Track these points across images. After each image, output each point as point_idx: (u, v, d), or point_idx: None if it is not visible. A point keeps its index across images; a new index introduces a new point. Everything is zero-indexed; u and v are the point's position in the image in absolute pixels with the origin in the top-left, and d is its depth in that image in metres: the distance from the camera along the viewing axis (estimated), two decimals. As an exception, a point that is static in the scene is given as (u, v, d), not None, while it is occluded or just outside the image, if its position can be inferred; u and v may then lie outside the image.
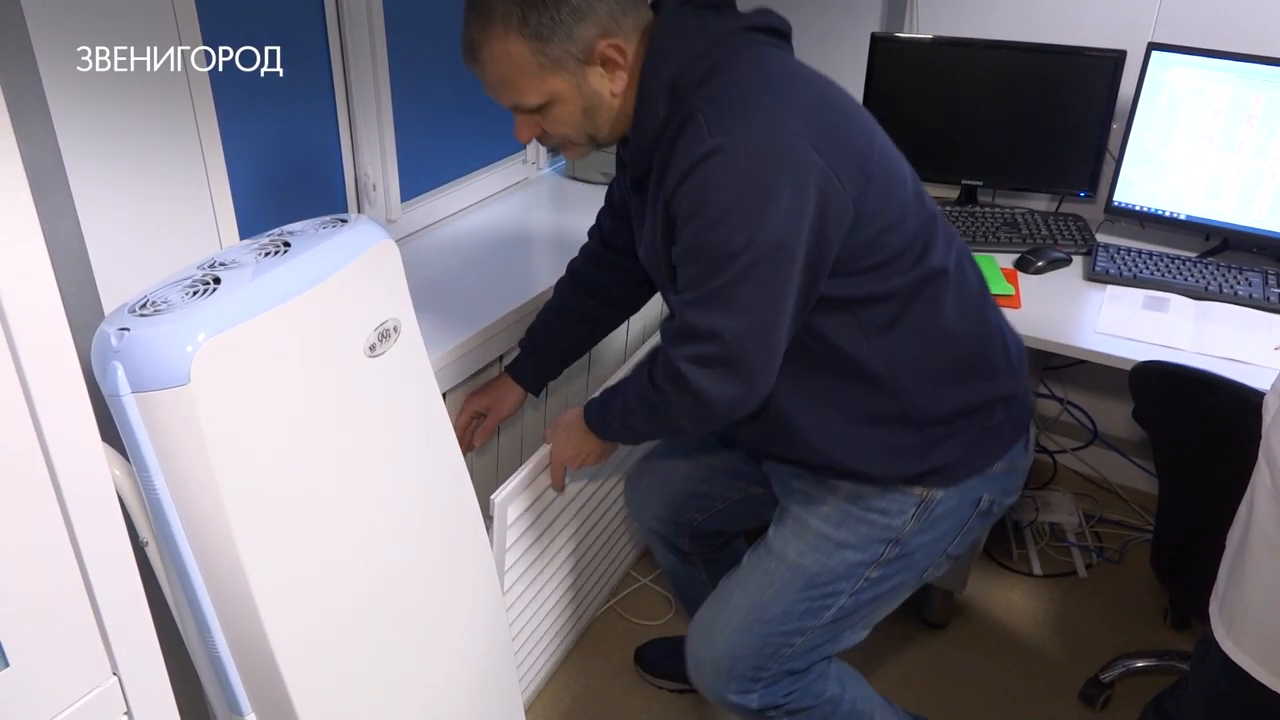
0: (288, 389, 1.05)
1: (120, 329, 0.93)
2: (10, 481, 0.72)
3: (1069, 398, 2.54)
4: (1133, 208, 2.11)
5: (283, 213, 1.58)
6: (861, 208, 1.18)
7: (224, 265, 1.03)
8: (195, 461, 0.95)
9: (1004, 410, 1.38)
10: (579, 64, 1.19)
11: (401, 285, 1.22)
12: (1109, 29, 2.12)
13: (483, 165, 2.21)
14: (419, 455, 1.28)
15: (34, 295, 0.70)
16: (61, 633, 0.78)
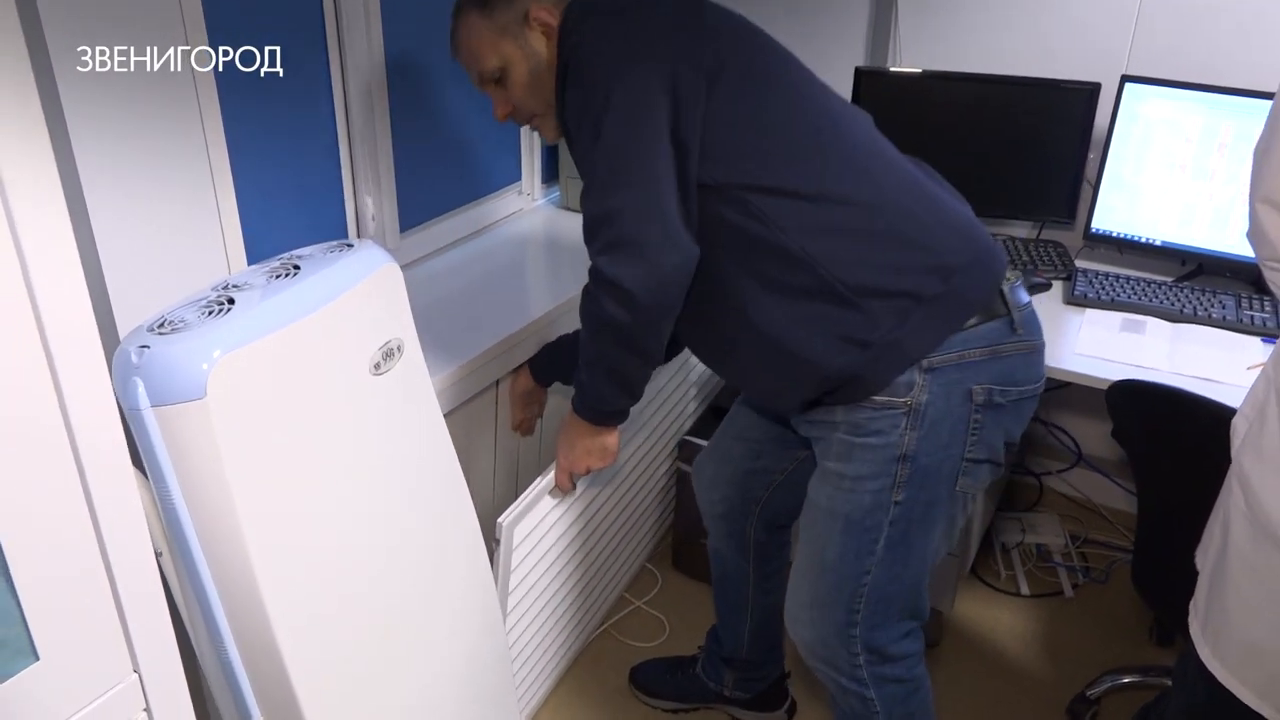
0: (298, 404, 1.09)
1: (141, 347, 0.98)
2: (48, 491, 0.76)
3: (1053, 420, 2.59)
4: (1110, 234, 2.18)
5: (287, 242, 1.64)
6: (720, 90, 1.33)
7: (237, 287, 1.08)
8: (210, 473, 1.00)
9: (942, 282, 1.36)
10: (520, 27, 1.46)
11: (404, 306, 1.27)
12: (1084, 62, 2.19)
13: (479, 196, 2.27)
14: (421, 470, 1.32)
15: (71, 318, 0.75)
16: (88, 631, 0.82)
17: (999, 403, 1.41)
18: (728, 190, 1.34)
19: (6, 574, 0.75)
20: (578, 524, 1.88)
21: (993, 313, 1.39)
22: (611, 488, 1.97)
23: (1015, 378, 1.42)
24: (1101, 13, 2.17)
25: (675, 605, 2.29)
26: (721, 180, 1.34)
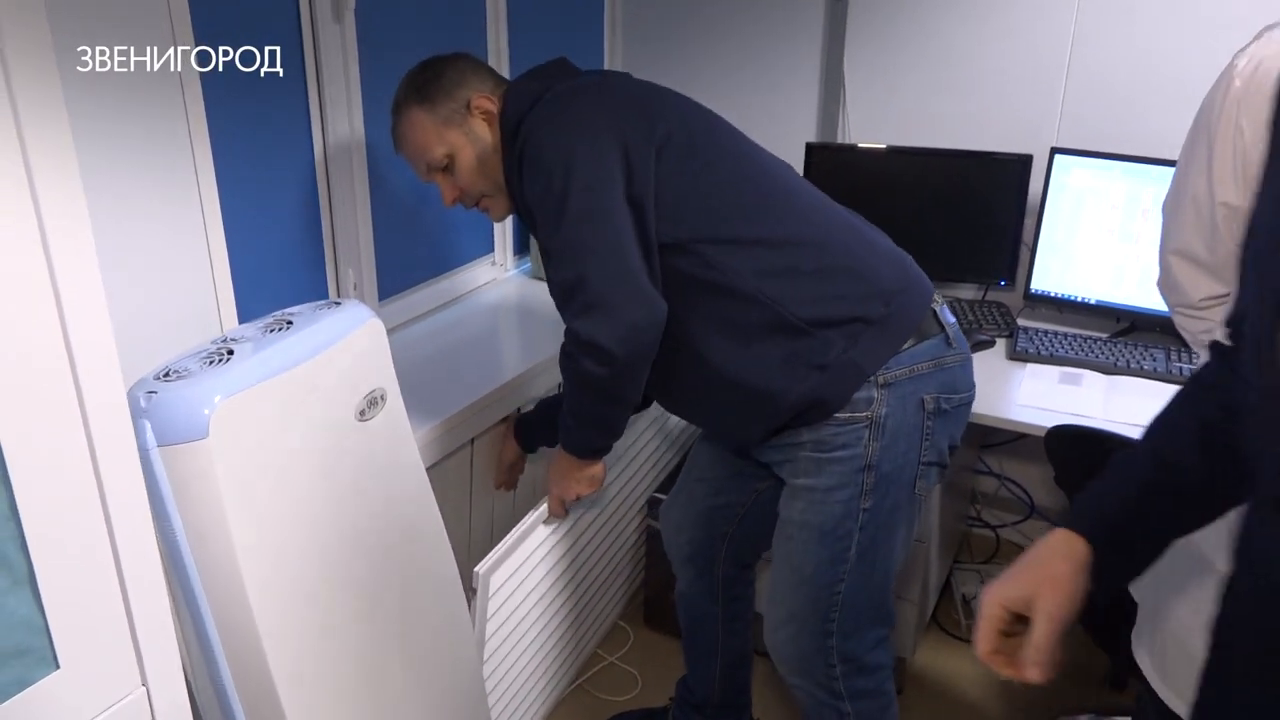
0: (290, 445, 1.19)
1: (148, 392, 1.07)
2: (75, 519, 0.85)
3: (1006, 474, 2.71)
4: (1048, 294, 2.32)
5: (275, 308, 1.74)
6: (669, 155, 1.47)
7: (235, 340, 1.18)
8: (210, 508, 1.09)
9: (885, 305, 1.51)
10: (463, 116, 1.60)
11: (387, 359, 1.37)
12: (1017, 135, 2.36)
13: (454, 267, 2.38)
14: (403, 512, 1.41)
15: (100, 369, 0.84)
16: (103, 645, 0.90)
17: (945, 409, 1.57)
18: (684, 245, 1.48)
19: (35, 590, 0.84)
20: (553, 574, 1.95)
21: (929, 331, 1.56)
22: (584, 541, 2.05)
23: (956, 386, 1.59)
24: (1032, 90, 2.34)
25: (647, 660, 2.36)
26: (678, 237, 1.47)
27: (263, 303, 1.79)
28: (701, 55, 2.68)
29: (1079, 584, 0.92)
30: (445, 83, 1.61)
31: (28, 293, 0.78)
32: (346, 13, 1.85)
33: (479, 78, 1.63)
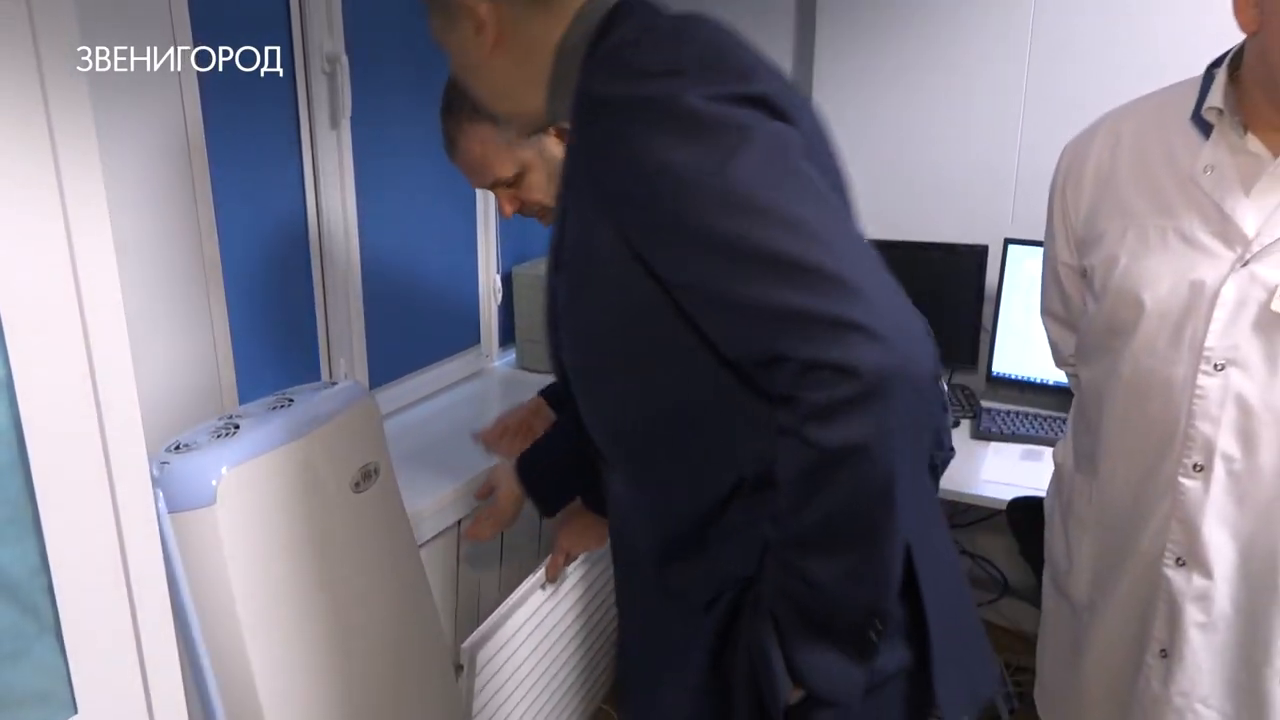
0: (290, 513, 1.27)
1: (161, 463, 1.16)
2: (99, 576, 0.93)
3: (979, 553, 2.78)
4: (1009, 376, 2.44)
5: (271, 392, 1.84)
6: None
7: (241, 416, 1.27)
8: (215, 571, 1.17)
9: None
10: (537, 135, 1.44)
11: (381, 435, 1.46)
12: (973, 227, 2.51)
13: (442, 357, 2.49)
14: (394, 579, 1.48)
15: (127, 441, 0.94)
16: (118, 693, 0.97)
17: (935, 465, 1.67)
18: None
19: (60, 638, 0.91)
20: (539, 651, 2.01)
21: None
22: (572, 618, 2.11)
23: (943, 443, 1.69)
24: (986, 185, 2.51)
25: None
26: None
27: (260, 390, 1.88)
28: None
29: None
30: None
31: (68, 380, 0.88)
32: (342, 120, 1.99)
33: None
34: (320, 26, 1.91)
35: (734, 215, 0.87)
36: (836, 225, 0.90)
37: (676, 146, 0.88)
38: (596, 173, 0.96)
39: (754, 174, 0.88)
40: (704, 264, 0.89)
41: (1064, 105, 2.39)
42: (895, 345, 0.86)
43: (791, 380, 0.88)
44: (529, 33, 1.01)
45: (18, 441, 0.86)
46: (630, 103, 0.92)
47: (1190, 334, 1.23)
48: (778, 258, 0.86)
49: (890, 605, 0.97)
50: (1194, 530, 1.25)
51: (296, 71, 1.88)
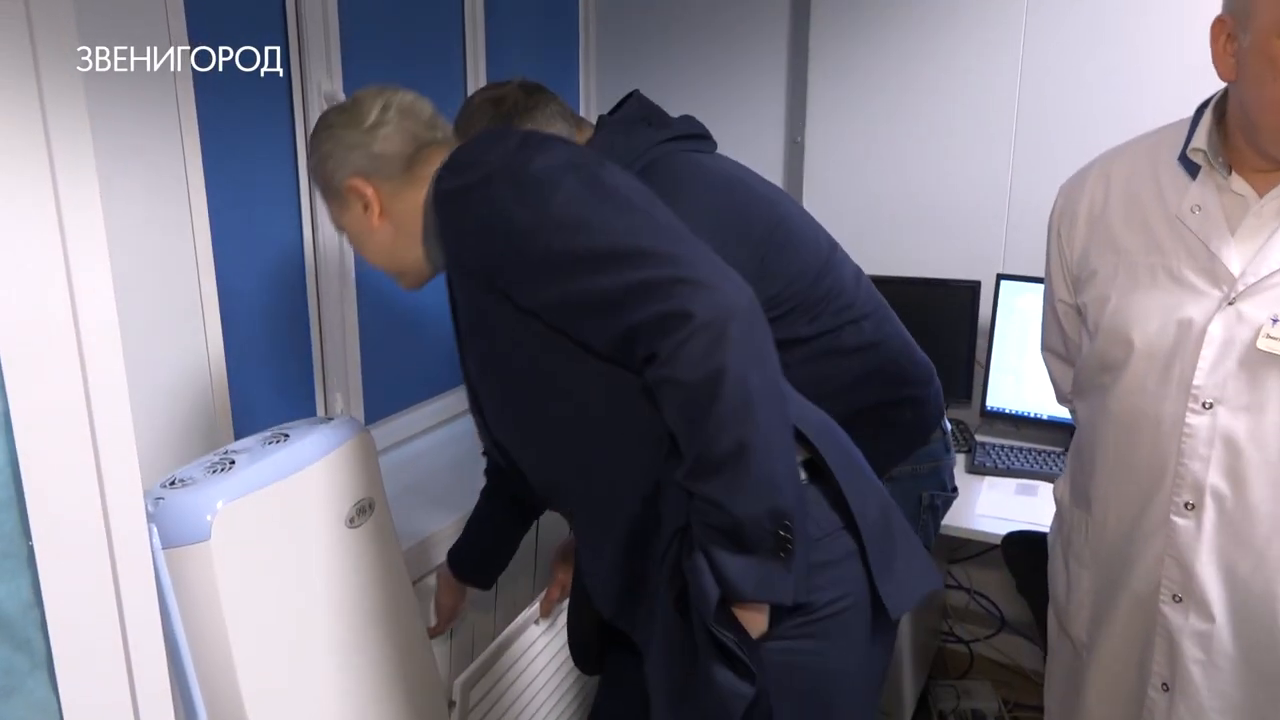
0: (284, 548, 1.27)
1: (156, 498, 1.16)
2: (93, 615, 0.93)
3: (976, 589, 2.78)
4: (1003, 411, 2.45)
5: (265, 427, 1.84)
6: (761, 273, 1.51)
7: (237, 451, 1.28)
8: (208, 606, 1.16)
9: (910, 411, 1.65)
10: None
11: (376, 471, 1.47)
12: (967, 263, 2.53)
13: (437, 392, 2.49)
14: (387, 615, 1.48)
15: (123, 477, 0.94)
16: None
17: (937, 505, 1.69)
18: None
19: (52, 673, 0.91)
20: (533, 689, 2.00)
21: (934, 436, 1.72)
22: (565, 654, 2.10)
23: (946, 485, 1.73)
24: (978, 222, 2.53)
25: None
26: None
27: (255, 424, 1.89)
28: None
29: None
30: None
31: (65, 416, 0.89)
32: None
33: (556, 131, 1.61)
34: (319, 65, 1.93)
35: (563, 236, 1.12)
36: (644, 216, 1.15)
37: (508, 201, 1.14)
38: (461, 252, 1.21)
39: (570, 200, 1.13)
40: (554, 280, 1.13)
41: (1054, 142, 2.41)
42: (715, 285, 1.07)
43: (646, 341, 1.09)
44: (403, 199, 1.29)
45: (14, 478, 0.86)
46: (463, 187, 1.18)
47: (1179, 372, 1.24)
48: (603, 253, 1.10)
49: (790, 506, 1.10)
50: (1188, 568, 1.25)
51: (295, 108, 1.90)
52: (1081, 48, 2.35)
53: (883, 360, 1.66)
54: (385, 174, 1.29)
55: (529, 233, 1.13)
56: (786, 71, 2.68)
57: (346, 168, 1.29)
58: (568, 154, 1.20)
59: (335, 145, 1.30)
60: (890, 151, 2.60)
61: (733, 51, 2.74)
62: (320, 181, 1.35)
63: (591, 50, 2.89)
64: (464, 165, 1.21)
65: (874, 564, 1.21)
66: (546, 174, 1.15)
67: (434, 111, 1.35)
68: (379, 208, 1.30)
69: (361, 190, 1.29)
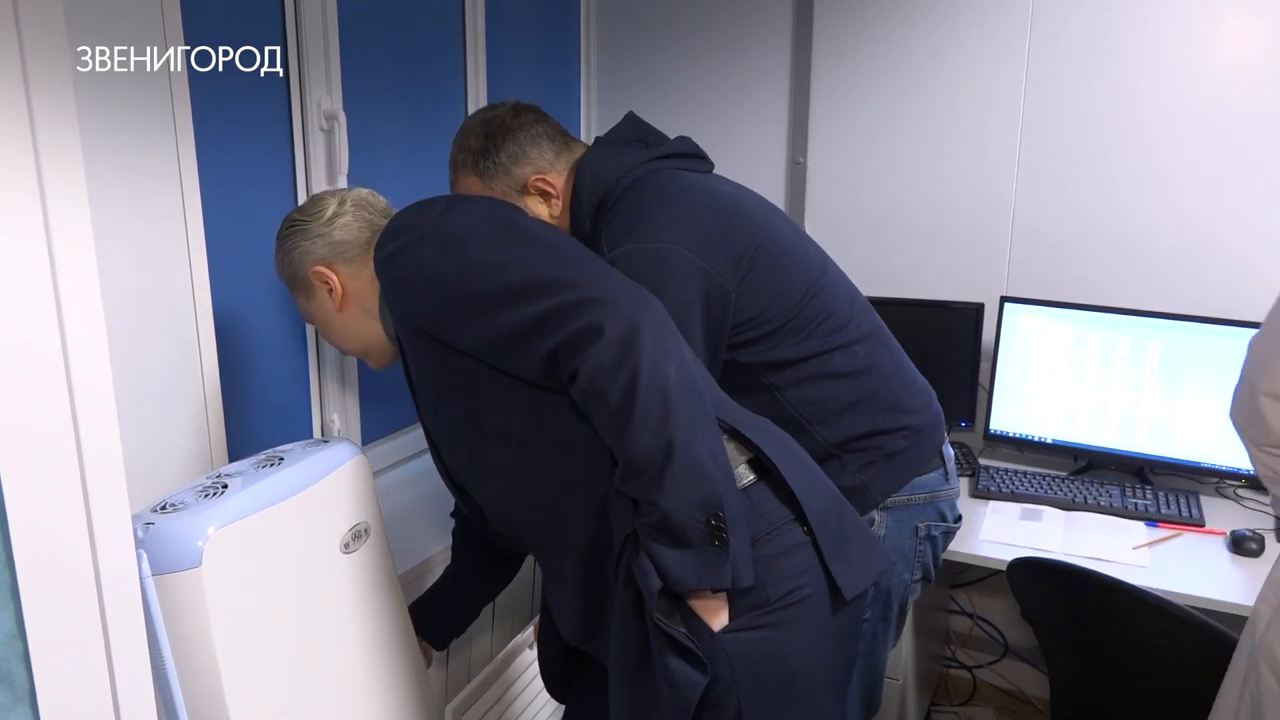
0: (278, 574, 1.25)
1: (145, 524, 1.13)
2: (76, 643, 0.91)
3: (979, 614, 2.74)
4: (1007, 434, 2.42)
5: (260, 448, 1.81)
6: (744, 289, 1.51)
7: (230, 475, 1.25)
8: (198, 635, 1.14)
9: (906, 440, 1.61)
10: (519, 195, 1.64)
11: (373, 495, 1.44)
12: (970, 285, 2.51)
13: (436, 413, 2.46)
14: (381, 641, 1.45)
15: (110, 503, 0.92)
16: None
17: (934, 535, 1.66)
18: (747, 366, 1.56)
19: (34, 708, 0.88)
20: (527, 715, 1.96)
21: (933, 465, 1.67)
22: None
23: (946, 516, 1.70)
24: (981, 244, 2.51)
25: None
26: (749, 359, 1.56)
27: (250, 443, 1.86)
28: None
29: None
30: (504, 158, 1.63)
31: (50, 437, 0.86)
32: (339, 178, 1.99)
33: (539, 151, 1.64)
34: (319, 83, 1.92)
35: (484, 278, 1.23)
36: (553, 251, 1.27)
37: (437, 257, 1.27)
38: (401, 310, 1.32)
39: (487, 246, 1.26)
40: (480, 320, 1.23)
41: (1059, 165, 2.40)
42: (618, 299, 1.18)
43: (566, 361, 1.18)
44: (360, 279, 1.43)
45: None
46: (396, 251, 1.31)
47: None
48: (517, 286, 1.21)
49: (720, 495, 1.15)
50: None
51: (294, 128, 1.88)
52: (1086, 70, 2.34)
53: (875, 386, 1.62)
54: (345, 258, 1.42)
55: (455, 282, 1.25)
56: (789, 92, 2.67)
57: (310, 257, 1.43)
58: (487, 208, 1.35)
59: (300, 238, 1.44)
60: (893, 173, 2.59)
61: (735, 72, 2.73)
62: (287, 275, 1.48)
63: (592, 71, 2.88)
64: (396, 231, 1.33)
65: (825, 549, 1.25)
66: (467, 227, 1.29)
67: (387, 204, 1.50)
68: (341, 289, 1.43)
69: (326, 276, 1.42)
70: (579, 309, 1.17)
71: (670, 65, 2.80)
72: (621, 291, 1.20)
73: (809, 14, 2.58)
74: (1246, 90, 2.21)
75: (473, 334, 1.25)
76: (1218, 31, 2.22)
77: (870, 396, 1.60)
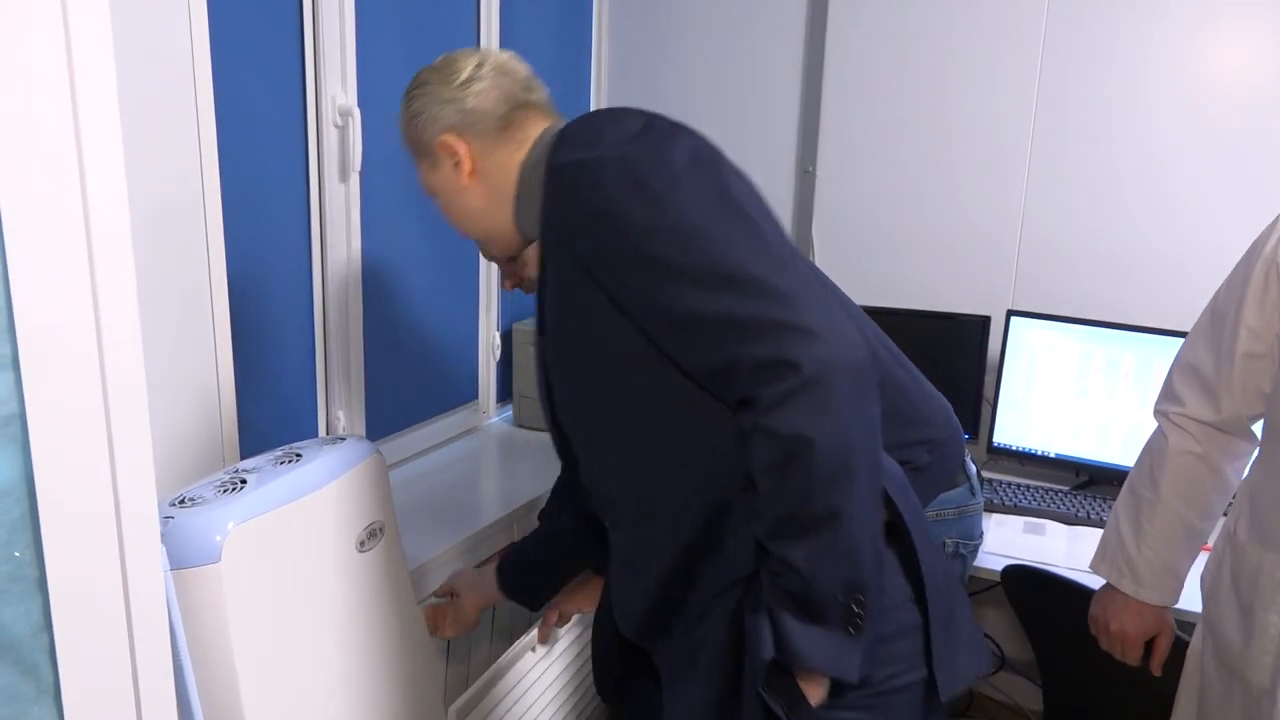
0: (294, 571, 1.24)
1: (165, 517, 1.12)
2: (100, 636, 0.90)
3: (976, 626, 2.75)
4: (1010, 448, 2.43)
5: (268, 445, 1.81)
6: None
7: (249, 470, 1.24)
8: (215, 629, 1.13)
9: (929, 454, 1.60)
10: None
11: (387, 494, 1.43)
12: (976, 298, 2.52)
13: (439, 412, 2.46)
14: (393, 641, 1.44)
15: (139, 491, 0.91)
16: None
17: (962, 553, 1.65)
18: None
19: (58, 701, 0.87)
20: (529, 716, 1.96)
21: (957, 480, 1.67)
22: (560, 684, 2.06)
23: (972, 533, 1.69)
24: (988, 256, 2.52)
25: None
26: None
27: (255, 439, 1.85)
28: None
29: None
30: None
31: (84, 428, 0.85)
32: (352, 174, 1.98)
33: None
34: (334, 79, 1.91)
35: (676, 241, 1.04)
36: (768, 241, 1.07)
37: (624, 191, 1.06)
38: (564, 231, 1.13)
39: (689, 202, 1.05)
40: (661, 288, 1.05)
41: (1068, 178, 2.41)
42: (829, 339, 1.01)
43: (745, 382, 1.03)
44: (495, 159, 1.25)
45: (29, 494, 0.83)
46: (582, 164, 1.10)
47: None
48: (717, 271, 1.03)
49: (868, 580, 1.05)
50: None
51: (309, 123, 1.88)
52: (1097, 85, 2.35)
53: (894, 398, 1.61)
54: (477, 130, 1.25)
55: (640, 230, 1.05)
56: (800, 101, 2.67)
57: (438, 124, 1.26)
58: (692, 147, 1.11)
59: (428, 102, 1.26)
60: (902, 183, 2.60)
61: (745, 79, 2.73)
62: (410, 140, 1.31)
63: (604, 81, 2.89)
64: (580, 142, 1.13)
65: (935, 641, 1.15)
66: (666, 168, 1.07)
67: (530, 73, 1.31)
68: (470, 165, 1.26)
69: (453, 146, 1.25)
70: (781, 333, 1.01)
71: (681, 72, 2.80)
72: (829, 324, 1.02)
73: (822, 22, 2.59)
74: (1254, 109, 2.22)
75: (641, 296, 1.08)
76: (1226, 51, 2.23)
77: (889, 410, 1.61)
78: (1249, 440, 1.51)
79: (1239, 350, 1.42)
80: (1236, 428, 1.49)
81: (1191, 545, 1.54)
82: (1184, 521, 1.52)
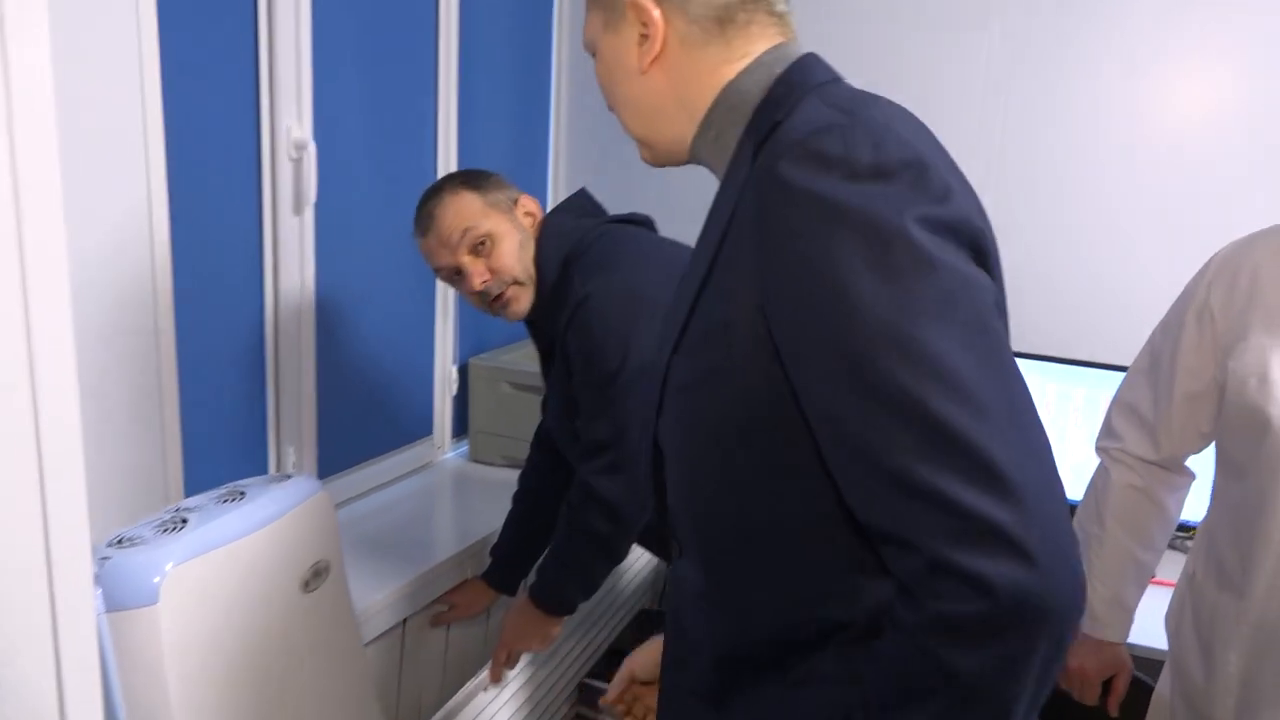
0: (236, 613, 1.21)
1: (101, 558, 1.09)
2: (30, 688, 0.87)
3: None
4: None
5: (215, 481, 1.77)
6: None
7: (190, 510, 1.22)
8: (152, 674, 1.10)
9: None
10: (510, 207, 1.70)
11: (334, 532, 1.41)
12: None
13: (392, 448, 2.43)
14: (338, 683, 1.41)
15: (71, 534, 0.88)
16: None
17: None
18: None
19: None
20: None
21: None
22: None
23: None
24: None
25: None
26: None
27: (204, 476, 1.81)
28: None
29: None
30: (495, 179, 1.73)
31: (16, 465, 0.83)
32: (306, 207, 1.97)
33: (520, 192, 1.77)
34: (290, 111, 1.90)
35: (906, 366, 0.76)
36: (1016, 406, 0.78)
37: (865, 269, 0.78)
38: (764, 263, 0.84)
39: (941, 327, 0.77)
40: (856, 409, 0.79)
41: (1023, 217, 2.45)
42: (1044, 569, 0.73)
43: (917, 574, 0.78)
44: (698, 59, 0.95)
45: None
46: (826, 204, 0.80)
47: None
48: (941, 430, 0.75)
49: None
50: None
51: (263, 154, 1.86)
52: (1054, 124, 2.40)
53: None
54: (691, 12, 0.94)
55: (857, 312, 0.77)
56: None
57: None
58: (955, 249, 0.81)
59: None
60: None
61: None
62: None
63: (563, 121, 2.91)
64: (828, 163, 0.80)
65: None
66: (924, 256, 0.78)
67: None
68: (659, 46, 0.95)
69: (648, 11, 0.94)
70: (987, 539, 0.74)
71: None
72: (1052, 552, 0.74)
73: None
74: (1213, 143, 2.28)
75: (830, 407, 0.81)
76: (1173, 91, 2.29)
77: None
78: (1186, 475, 1.55)
79: (1177, 391, 1.44)
80: (1174, 465, 1.52)
81: (1140, 579, 1.56)
82: (1131, 555, 1.53)
